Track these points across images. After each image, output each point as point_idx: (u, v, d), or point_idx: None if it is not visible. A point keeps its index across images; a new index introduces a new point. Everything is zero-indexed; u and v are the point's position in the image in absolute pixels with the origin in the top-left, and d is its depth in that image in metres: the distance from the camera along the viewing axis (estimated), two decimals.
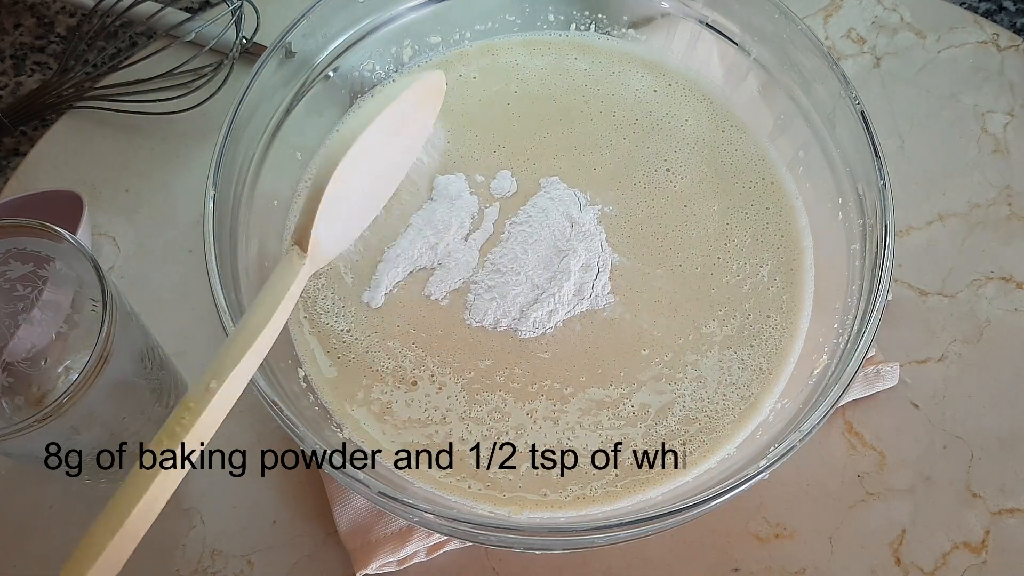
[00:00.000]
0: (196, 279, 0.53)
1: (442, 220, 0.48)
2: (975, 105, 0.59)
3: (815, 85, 0.47)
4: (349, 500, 0.47)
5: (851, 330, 0.41)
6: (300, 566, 0.47)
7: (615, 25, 0.54)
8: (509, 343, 0.46)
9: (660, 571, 0.46)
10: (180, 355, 0.51)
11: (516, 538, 0.38)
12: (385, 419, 0.44)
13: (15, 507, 0.48)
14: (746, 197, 0.49)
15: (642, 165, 0.50)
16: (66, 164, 0.58)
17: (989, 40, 0.61)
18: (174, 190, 0.57)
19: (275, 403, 0.38)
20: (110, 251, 0.55)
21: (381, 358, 0.45)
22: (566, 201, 0.48)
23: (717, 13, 0.51)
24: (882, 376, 0.49)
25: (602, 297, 0.46)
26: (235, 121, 0.44)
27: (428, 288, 0.47)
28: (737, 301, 0.46)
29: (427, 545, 0.46)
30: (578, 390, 0.45)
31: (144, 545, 0.47)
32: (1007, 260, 0.54)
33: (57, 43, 0.65)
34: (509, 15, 0.53)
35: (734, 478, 0.37)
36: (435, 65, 0.53)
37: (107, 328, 0.39)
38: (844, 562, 0.47)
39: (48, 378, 0.45)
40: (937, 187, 0.56)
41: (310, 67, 0.49)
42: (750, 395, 0.45)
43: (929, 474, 0.49)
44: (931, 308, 0.53)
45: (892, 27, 0.62)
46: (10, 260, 0.42)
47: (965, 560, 0.47)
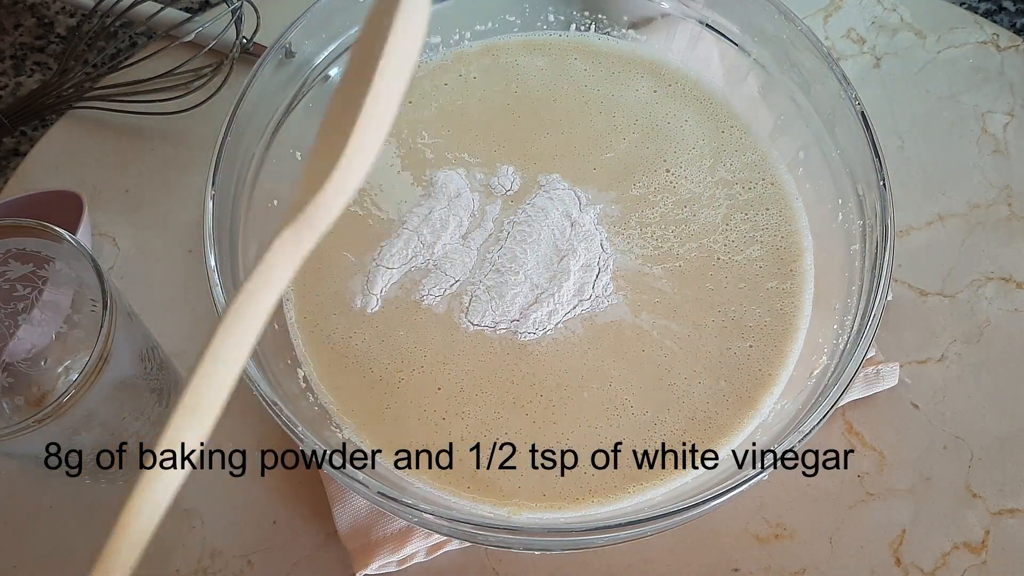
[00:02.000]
0: (196, 279, 0.53)
1: (440, 218, 0.48)
2: (975, 105, 0.59)
3: (815, 85, 0.47)
4: (349, 500, 0.47)
5: (851, 330, 0.41)
6: (300, 566, 0.47)
7: (615, 25, 0.54)
8: (509, 343, 0.46)
9: (660, 571, 0.46)
10: (180, 355, 0.51)
11: (516, 538, 0.38)
12: (385, 419, 0.44)
13: (15, 507, 0.48)
14: (746, 198, 0.49)
15: (642, 165, 0.50)
16: (66, 164, 0.58)
17: (989, 40, 0.61)
18: (174, 190, 0.57)
19: (275, 403, 0.38)
20: (110, 251, 0.55)
21: (380, 358, 0.45)
22: (566, 201, 0.48)
23: (717, 14, 0.51)
24: (882, 376, 0.49)
25: (603, 298, 0.46)
26: (235, 121, 0.44)
27: (424, 289, 0.47)
28: (737, 301, 0.46)
29: (427, 545, 0.46)
30: (578, 390, 0.45)
31: None
32: (1007, 260, 0.54)
33: (57, 43, 0.65)
34: (509, 15, 0.53)
35: (734, 478, 0.37)
36: (435, 66, 0.53)
37: (107, 328, 0.39)
38: (844, 562, 0.47)
39: (48, 378, 0.46)
40: (937, 187, 0.56)
41: (310, 67, 0.49)
42: (749, 395, 0.45)
43: (929, 474, 0.49)
44: (931, 308, 0.53)
45: (892, 27, 0.62)
46: (10, 260, 0.42)
47: (965, 560, 0.47)
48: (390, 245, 0.47)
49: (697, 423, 0.44)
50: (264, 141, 0.47)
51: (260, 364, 0.40)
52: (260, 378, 0.39)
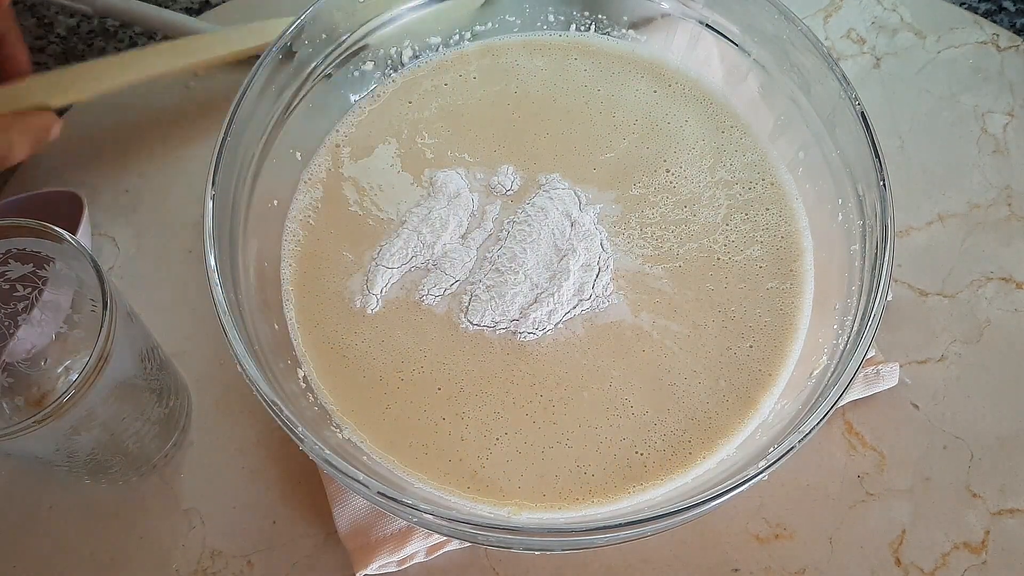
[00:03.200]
0: (196, 279, 0.53)
1: (439, 218, 0.48)
2: (975, 105, 0.59)
3: (815, 86, 0.47)
4: (349, 500, 0.47)
5: (851, 330, 0.41)
6: (300, 566, 0.47)
7: (615, 26, 0.54)
8: (509, 343, 0.46)
9: (660, 571, 0.46)
10: (180, 355, 0.51)
11: (516, 538, 0.38)
12: (385, 419, 0.44)
13: (15, 507, 0.48)
14: (746, 198, 0.49)
15: (642, 165, 0.50)
16: (66, 164, 0.58)
17: (989, 40, 0.61)
18: (174, 190, 0.57)
19: (275, 403, 0.38)
20: (110, 251, 0.55)
21: (380, 358, 0.45)
22: (566, 200, 0.48)
23: (717, 14, 0.51)
24: (882, 376, 0.49)
25: (603, 297, 0.46)
26: (235, 121, 0.44)
27: (424, 288, 0.47)
28: (737, 302, 0.46)
29: (427, 545, 0.46)
30: (578, 390, 0.45)
31: (144, 545, 0.48)
32: (1007, 260, 0.54)
33: (57, 43, 0.65)
34: (509, 15, 0.53)
35: (734, 478, 0.37)
36: (435, 66, 0.53)
37: (107, 328, 0.39)
38: (844, 562, 0.47)
39: (48, 379, 0.46)
40: (937, 187, 0.56)
41: (310, 67, 0.49)
42: (750, 396, 0.45)
43: (929, 474, 0.49)
44: (931, 308, 0.53)
45: (892, 27, 0.62)
46: (10, 260, 0.42)
47: (965, 560, 0.47)
48: (390, 245, 0.47)
49: (697, 423, 0.44)
50: (264, 141, 0.47)
51: (260, 364, 0.40)
52: (260, 378, 0.39)
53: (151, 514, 0.48)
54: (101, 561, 0.47)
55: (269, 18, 0.58)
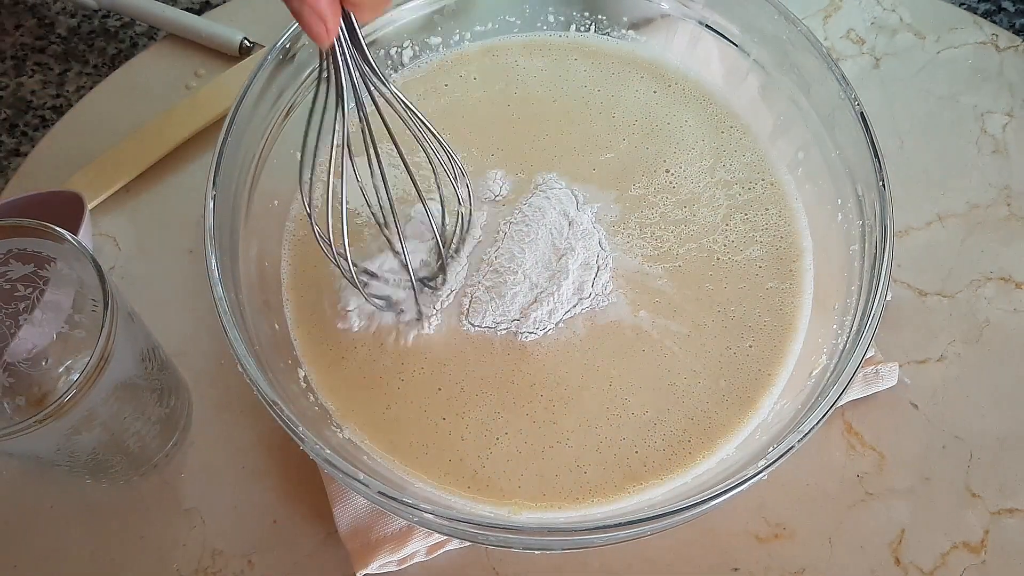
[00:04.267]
0: (196, 279, 0.53)
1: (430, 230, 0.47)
2: (974, 105, 0.59)
3: (815, 86, 0.47)
4: (349, 500, 0.47)
5: (850, 330, 0.41)
6: (300, 566, 0.47)
7: (615, 26, 0.54)
8: (509, 344, 0.46)
9: (660, 571, 0.46)
10: (181, 355, 0.51)
11: (516, 538, 0.38)
12: (385, 419, 0.44)
13: (15, 507, 0.48)
14: (746, 198, 0.49)
15: (642, 166, 0.50)
16: (66, 164, 0.58)
17: (988, 41, 0.61)
18: (174, 190, 0.57)
19: (275, 403, 0.38)
20: (111, 251, 0.55)
21: (380, 359, 0.45)
22: (563, 200, 0.48)
23: (717, 14, 0.51)
24: (881, 376, 0.49)
25: (603, 296, 0.46)
26: (235, 121, 0.44)
27: (421, 304, 0.46)
28: (736, 302, 0.47)
29: (427, 545, 0.46)
30: (578, 390, 0.45)
31: (145, 544, 0.48)
32: (1007, 260, 0.54)
33: (58, 44, 0.65)
34: (509, 16, 0.54)
35: (734, 478, 0.38)
36: (435, 66, 0.53)
37: (108, 328, 0.39)
38: (844, 562, 0.47)
39: (49, 378, 0.46)
40: (937, 187, 0.56)
41: (310, 67, 0.49)
42: (749, 395, 0.45)
43: (929, 474, 0.49)
44: (930, 308, 0.53)
45: (891, 28, 0.62)
46: (11, 261, 0.42)
47: (964, 560, 0.47)
48: (380, 258, 0.47)
49: (697, 423, 0.44)
50: (264, 141, 0.47)
51: (260, 364, 0.40)
52: (260, 378, 0.39)
53: (152, 514, 0.48)
54: (101, 561, 0.47)
55: (268, 17, 0.58)
